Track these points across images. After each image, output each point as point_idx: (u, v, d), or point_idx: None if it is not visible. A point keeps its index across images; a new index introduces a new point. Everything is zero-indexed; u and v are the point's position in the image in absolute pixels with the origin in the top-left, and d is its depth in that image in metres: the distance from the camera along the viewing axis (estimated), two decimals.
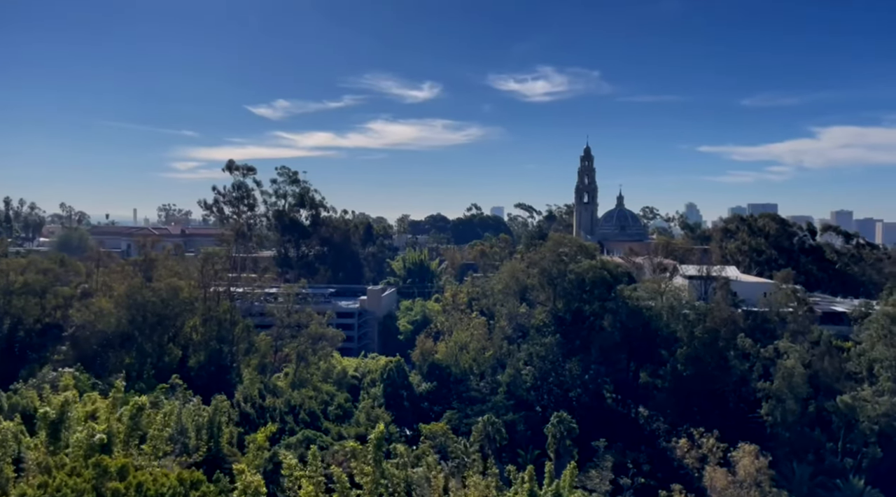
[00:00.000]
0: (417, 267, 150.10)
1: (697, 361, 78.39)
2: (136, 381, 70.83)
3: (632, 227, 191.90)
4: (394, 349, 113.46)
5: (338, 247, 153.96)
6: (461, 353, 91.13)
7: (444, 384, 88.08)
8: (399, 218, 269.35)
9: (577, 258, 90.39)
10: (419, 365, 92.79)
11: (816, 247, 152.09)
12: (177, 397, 54.72)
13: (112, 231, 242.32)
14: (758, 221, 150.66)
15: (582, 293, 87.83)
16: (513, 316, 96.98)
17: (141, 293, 76.29)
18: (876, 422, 70.26)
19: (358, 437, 60.37)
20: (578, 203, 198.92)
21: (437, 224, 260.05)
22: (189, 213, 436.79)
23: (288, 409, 62.47)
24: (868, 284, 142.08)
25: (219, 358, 76.65)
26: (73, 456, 29.57)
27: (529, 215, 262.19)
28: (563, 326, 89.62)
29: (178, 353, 76.61)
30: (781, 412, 75.22)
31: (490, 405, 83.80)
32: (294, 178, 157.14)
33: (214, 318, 78.33)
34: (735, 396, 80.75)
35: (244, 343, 79.53)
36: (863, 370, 76.48)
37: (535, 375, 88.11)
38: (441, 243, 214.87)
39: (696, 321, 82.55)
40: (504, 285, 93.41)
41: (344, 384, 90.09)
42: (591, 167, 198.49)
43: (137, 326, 77.27)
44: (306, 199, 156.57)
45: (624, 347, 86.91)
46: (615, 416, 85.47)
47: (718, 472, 41.71)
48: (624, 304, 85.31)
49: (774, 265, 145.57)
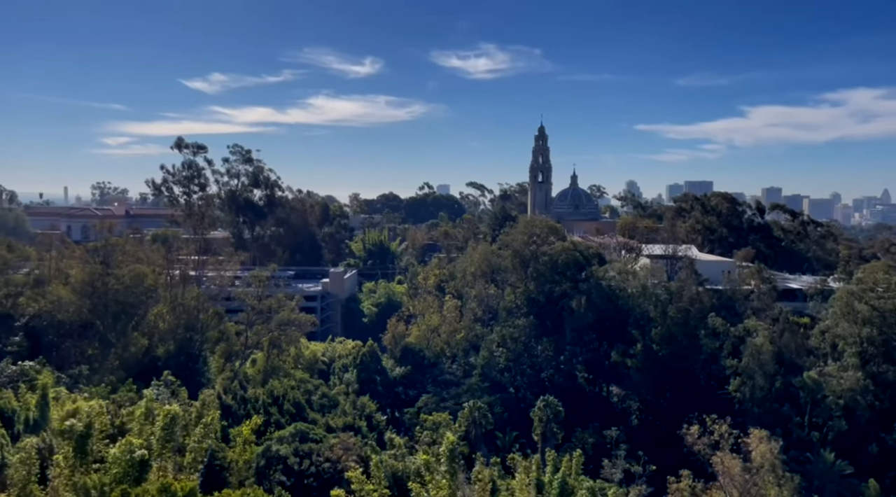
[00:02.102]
0: (378, 248, 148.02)
1: (672, 341, 79.80)
2: (104, 373, 67.62)
3: (585, 206, 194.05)
4: (358, 332, 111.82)
5: (295, 228, 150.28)
6: (433, 336, 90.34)
7: (417, 368, 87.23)
8: (350, 196, 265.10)
9: (549, 239, 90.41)
10: (391, 349, 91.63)
11: (765, 225, 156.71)
12: (161, 393, 52.14)
13: (48, 212, 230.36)
14: (711, 200, 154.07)
15: (554, 275, 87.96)
16: (482, 298, 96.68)
17: (102, 280, 72.40)
18: (840, 396, 72.96)
19: (346, 427, 59.06)
20: (533, 182, 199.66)
21: (390, 203, 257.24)
22: (125, 191, 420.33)
23: (272, 399, 60.51)
24: (812, 260, 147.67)
25: (188, 347, 73.65)
26: (112, 475, 27.25)
27: (481, 194, 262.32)
28: (536, 308, 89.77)
29: (144, 342, 73.27)
30: (750, 388, 77.45)
31: (465, 388, 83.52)
32: (247, 156, 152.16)
33: (182, 305, 75.12)
34: (705, 374, 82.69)
35: (214, 331, 76.67)
36: (826, 346, 79.21)
37: (507, 357, 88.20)
38: (395, 223, 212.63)
39: (667, 301, 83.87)
40: (476, 267, 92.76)
41: (315, 370, 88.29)
42: (546, 146, 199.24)
43: (99, 315, 73.48)
44: (261, 179, 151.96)
45: (596, 328, 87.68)
46: (588, 396, 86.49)
47: (731, 459, 42.13)
48: (597, 286, 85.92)
49: (725, 243, 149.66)
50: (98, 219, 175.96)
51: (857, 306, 76.05)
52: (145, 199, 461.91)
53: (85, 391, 57.33)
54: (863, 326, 74.98)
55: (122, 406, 47.73)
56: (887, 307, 74.73)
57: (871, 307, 75.02)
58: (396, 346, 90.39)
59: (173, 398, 49.96)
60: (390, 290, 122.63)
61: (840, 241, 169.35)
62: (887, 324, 74.49)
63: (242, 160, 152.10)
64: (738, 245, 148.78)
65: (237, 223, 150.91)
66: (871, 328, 74.54)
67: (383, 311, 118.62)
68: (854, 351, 74.82)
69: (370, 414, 66.27)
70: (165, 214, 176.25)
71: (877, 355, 75.08)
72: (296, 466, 46.00)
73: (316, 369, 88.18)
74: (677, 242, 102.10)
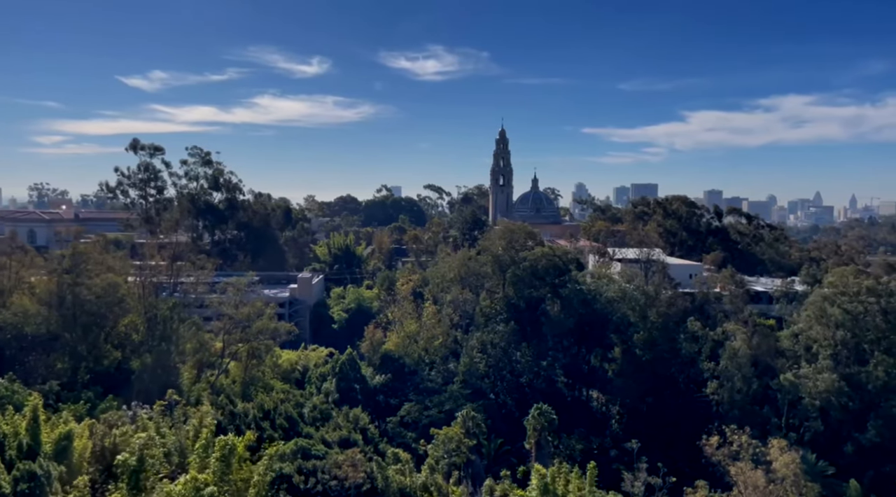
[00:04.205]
0: (343, 252, 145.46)
1: (654, 345, 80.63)
2: (76, 388, 64.22)
3: (546, 209, 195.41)
4: (328, 339, 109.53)
5: (257, 232, 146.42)
6: (411, 343, 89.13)
7: (398, 376, 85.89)
8: (306, 198, 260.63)
9: (528, 244, 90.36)
10: (369, 357, 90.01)
11: (722, 228, 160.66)
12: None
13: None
14: (672, 204, 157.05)
15: (534, 280, 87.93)
16: (458, 303, 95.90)
17: (72, 290, 68.76)
18: (816, 397, 74.90)
19: (342, 440, 57.45)
20: (494, 185, 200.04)
21: (348, 206, 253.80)
22: (66, 192, 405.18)
23: (262, 414, 58.25)
24: (767, 263, 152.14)
25: (165, 359, 70.58)
26: None
27: (439, 196, 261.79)
28: (516, 313, 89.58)
29: (118, 355, 69.92)
30: (729, 391, 78.98)
31: (447, 396, 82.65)
32: (207, 158, 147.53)
33: (158, 315, 71.95)
34: (684, 377, 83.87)
35: (192, 342, 73.68)
36: (800, 349, 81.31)
37: (487, 363, 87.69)
38: (355, 226, 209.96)
39: (646, 306, 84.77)
40: (455, 273, 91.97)
41: (291, 380, 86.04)
42: (507, 150, 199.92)
43: (68, 327, 69.76)
44: (221, 182, 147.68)
45: (575, 333, 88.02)
46: (569, 402, 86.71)
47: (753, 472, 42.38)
48: (577, 291, 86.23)
49: (685, 246, 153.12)
50: (45, 223, 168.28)
51: (829, 310, 78.33)
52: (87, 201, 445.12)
53: (64, 409, 54.27)
54: (836, 329, 77.24)
55: (115, 426, 45.13)
56: (858, 311, 77.16)
57: (843, 311, 77.35)
58: (375, 353, 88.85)
59: (167, 417, 47.51)
60: (360, 296, 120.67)
61: (792, 245, 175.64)
62: (859, 327, 76.90)
63: (202, 162, 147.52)
64: (697, 248, 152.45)
65: (197, 227, 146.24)
66: (843, 331, 76.83)
67: (354, 318, 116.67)
68: (828, 353, 76.97)
69: (364, 426, 64.70)
70: (119, 218, 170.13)
71: (849, 357, 77.49)
72: (301, 485, 44.24)
73: (293, 379, 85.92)
74: (650, 246, 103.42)
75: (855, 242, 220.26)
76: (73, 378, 67.70)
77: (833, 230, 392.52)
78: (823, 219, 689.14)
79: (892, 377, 76.58)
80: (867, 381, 75.67)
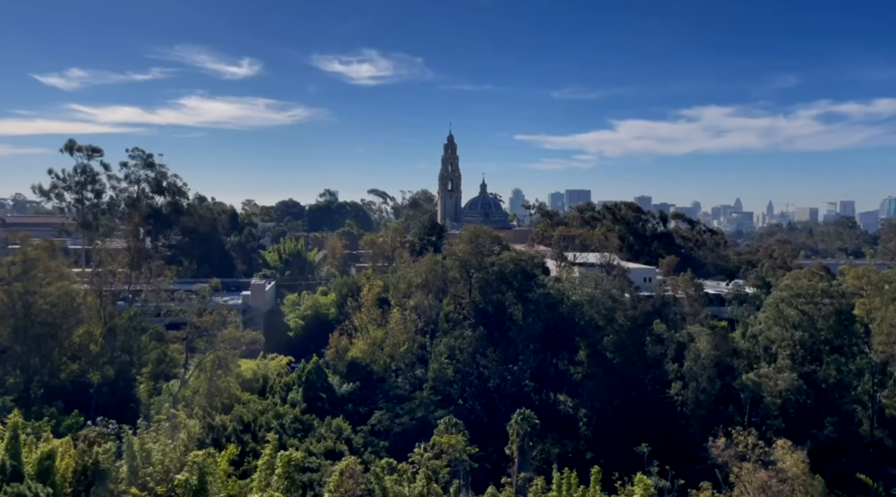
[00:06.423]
0: (295, 257, 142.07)
1: (622, 348, 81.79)
2: (29, 403, 60.12)
3: (495, 214, 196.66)
4: (283, 347, 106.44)
5: (203, 237, 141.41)
6: (378, 350, 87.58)
7: (366, 384, 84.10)
8: (244, 203, 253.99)
9: (494, 249, 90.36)
10: (334, 364, 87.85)
11: (667, 233, 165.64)
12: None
13: None
14: (620, 210, 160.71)
15: (502, 284, 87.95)
16: (422, 309, 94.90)
17: (24, 300, 64.36)
18: (777, 396, 77.68)
19: (328, 452, 55.62)
20: (443, 190, 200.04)
21: (291, 210, 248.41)
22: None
23: (242, 426, 55.75)
24: (709, 266, 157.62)
25: (127, 371, 66.88)
26: None
27: (383, 201, 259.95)
28: (483, 318, 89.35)
29: (74, 367, 65.83)
30: (694, 391, 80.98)
31: (417, 403, 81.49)
32: (149, 161, 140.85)
33: (119, 325, 68.11)
34: (650, 378, 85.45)
35: (154, 353, 70.09)
36: (759, 349, 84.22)
37: (455, 369, 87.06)
38: (299, 231, 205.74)
39: (613, 309, 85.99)
40: (423, 278, 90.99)
41: (254, 390, 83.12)
42: (455, 155, 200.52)
43: (19, 339, 65.25)
44: (164, 185, 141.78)
45: (542, 337, 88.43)
46: (538, 406, 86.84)
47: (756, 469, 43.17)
48: (544, 295, 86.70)
49: (632, 250, 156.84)
50: None
51: (786, 311, 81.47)
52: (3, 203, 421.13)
53: (27, 427, 50.54)
54: (793, 330, 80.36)
55: (95, 443, 42.28)
56: (814, 312, 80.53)
57: (800, 312, 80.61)
58: (341, 361, 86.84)
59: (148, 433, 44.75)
60: (317, 303, 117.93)
61: (730, 249, 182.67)
62: (815, 327, 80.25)
63: (143, 165, 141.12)
64: (643, 252, 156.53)
65: (138, 232, 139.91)
66: (800, 331, 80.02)
67: (311, 325, 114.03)
68: (786, 353, 79.99)
69: (348, 437, 62.85)
70: (52, 223, 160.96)
71: (805, 357, 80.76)
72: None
73: (256, 389, 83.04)
74: (610, 251, 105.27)
75: (779, 246, 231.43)
76: (25, 392, 63.42)
77: (757, 235, 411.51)
78: (744, 224, 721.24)
79: (843, 375, 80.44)
80: (822, 379, 79.10)
